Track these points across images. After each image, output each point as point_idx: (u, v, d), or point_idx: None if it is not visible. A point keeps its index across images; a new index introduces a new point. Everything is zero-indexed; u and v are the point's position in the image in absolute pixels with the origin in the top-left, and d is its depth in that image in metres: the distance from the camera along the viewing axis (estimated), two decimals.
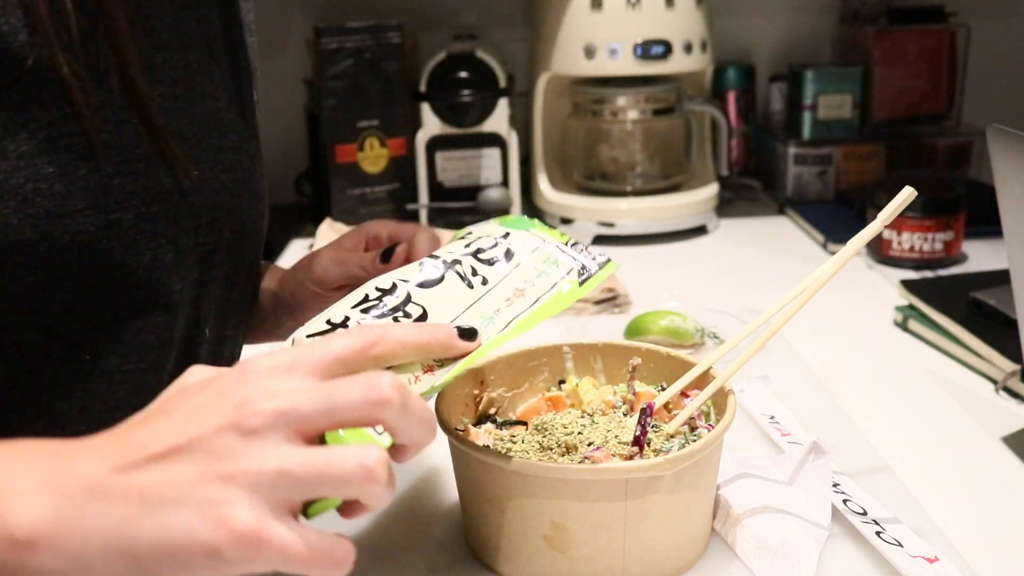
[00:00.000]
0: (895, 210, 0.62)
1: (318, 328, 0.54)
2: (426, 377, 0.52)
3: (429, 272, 0.58)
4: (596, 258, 0.60)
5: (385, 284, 0.57)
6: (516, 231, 0.61)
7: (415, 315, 0.55)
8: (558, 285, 0.58)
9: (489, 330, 0.55)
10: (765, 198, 1.58)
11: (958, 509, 0.70)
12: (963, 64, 1.54)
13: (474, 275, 0.58)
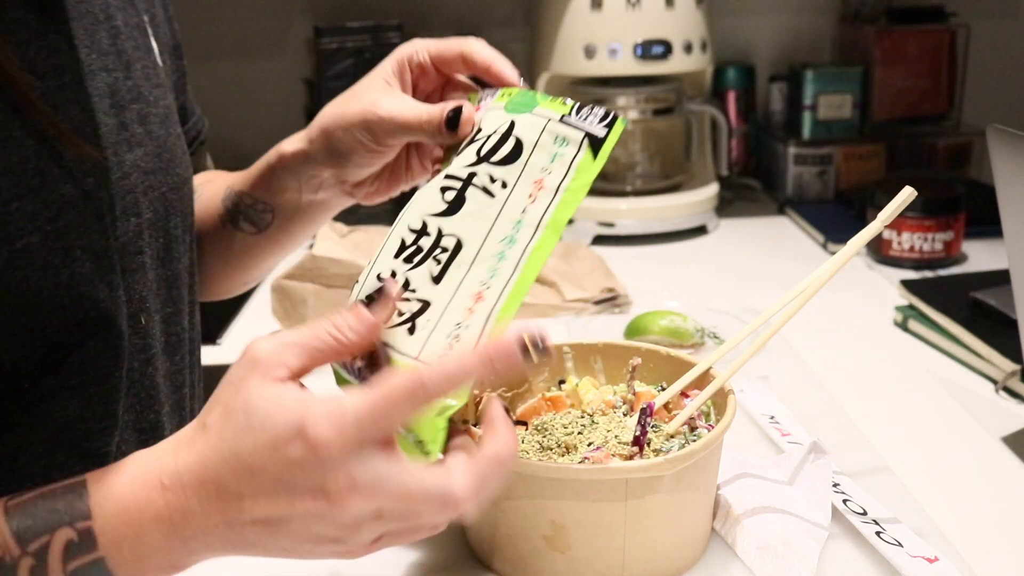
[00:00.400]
0: (895, 210, 0.62)
1: (372, 286, 0.54)
2: (479, 307, 0.52)
3: (451, 198, 0.57)
4: (602, 120, 0.57)
5: (416, 224, 0.57)
6: (520, 116, 0.59)
7: (450, 247, 0.55)
8: (573, 164, 0.56)
9: (522, 233, 0.54)
10: (765, 198, 1.58)
11: (958, 509, 0.70)
12: (963, 64, 1.54)
13: (492, 182, 0.57)
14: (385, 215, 1.37)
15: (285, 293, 1.07)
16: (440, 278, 0.54)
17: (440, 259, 0.55)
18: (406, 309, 0.54)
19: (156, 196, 0.64)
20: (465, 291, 0.53)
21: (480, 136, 0.59)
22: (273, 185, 0.73)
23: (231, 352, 1.08)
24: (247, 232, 0.77)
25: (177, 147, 0.69)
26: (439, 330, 0.52)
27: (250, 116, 1.63)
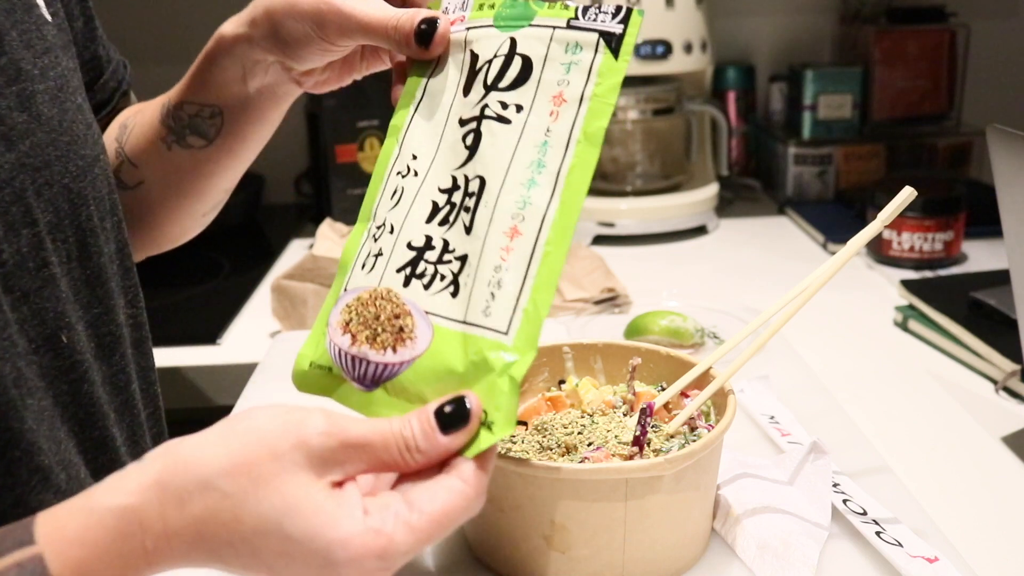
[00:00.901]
0: (895, 210, 0.62)
1: (404, 257, 0.50)
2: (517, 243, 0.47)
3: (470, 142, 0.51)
4: (614, 16, 0.51)
5: (445, 183, 0.51)
6: (519, 31, 0.52)
7: (476, 190, 0.50)
8: (593, 69, 0.50)
9: (551, 154, 0.49)
10: (765, 198, 1.58)
11: (958, 509, 0.70)
12: (963, 64, 1.54)
13: (505, 108, 0.51)
14: None
15: (285, 293, 1.07)
16: (471, 226, 0.49)
17: (468, 206, 0.50)
18: (447, 272, 0.49)
19: (56, 192, 0.56)
20: (496, 229, 0.48)
21: (481, 64, 0.53)
22: (215, 78, 0.64)
23: (231, 352, 1.08)
24: (196, 147, 0.68)
25: (78, 122, 0.59)
26: (479, 282, 0.48)
27: None
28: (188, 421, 1.07)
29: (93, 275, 0.60)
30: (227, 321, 1.15)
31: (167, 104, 0.68)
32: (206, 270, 1.36)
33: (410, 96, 0.55)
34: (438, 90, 0.54)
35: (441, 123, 0.53)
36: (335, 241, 1.10)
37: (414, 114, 0.55)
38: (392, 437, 0.43)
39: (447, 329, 0.48)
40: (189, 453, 0.42)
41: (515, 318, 0.46)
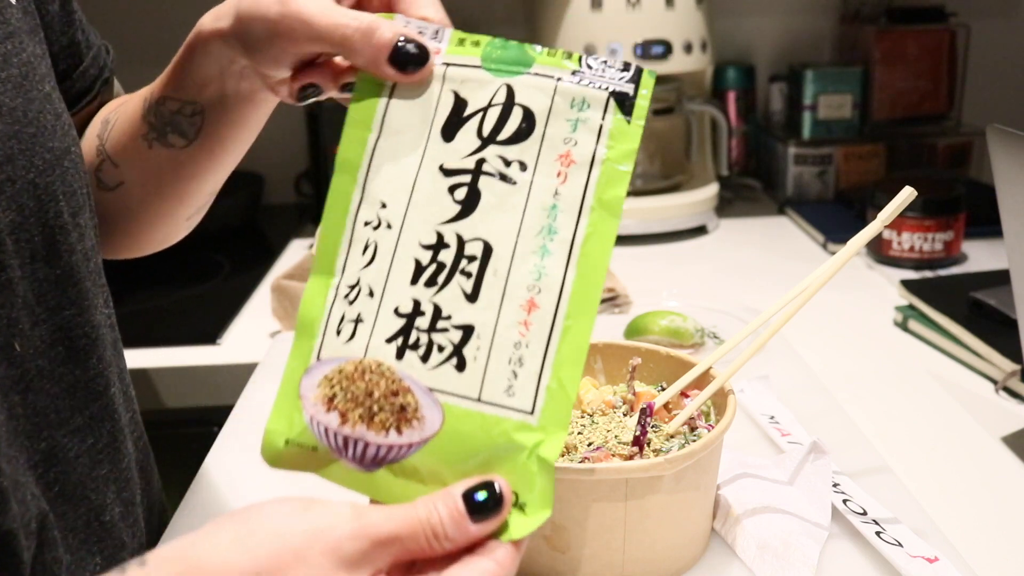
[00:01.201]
0: (895, 210, 0.62)
1: (394, 326, 0.46)
2: (535, 317, 0.45)
3: (462, 196, 0.47)
4: (622, 72, 0.47)
5: (428, 238, 0.47)
6: (516, 79, 0.48)
7: (478, 253, 0.46)
8: (604, 130, 0.47)
9: (561, 220, 0.46)
10: (765, 198, 1.58)
11: (958, 509, 0.70)
12: (963, 64, 1.54)
13: (507, 165, 0.47)
14: None
15: (285, 293, 1.07)
16: (476, 294, 0.46)
17: (469, 271, 0.46)
18: (445, 342, 0.45)
19: (20, 188, 0.53)
20: (511, 302, 0.45)
21: (471, 110, 0.48)
22: (194, 74, 0.60)
23: (231, 352, 1.08)
24: (177, 146, 0.64)
25: (46, 112, 0.56)
26: (495, 357, 0.45)
27: None
28: (188, 421, 1.07)
29: (63, 275, 0.56)
30: (227, 321, 1.15)
31: (149, 98, 0.64)
32: (206, 270, 1.36)
33: (362, 126, 0.49)
34: (403, 126, 0.49)
35: (412, 167, 0.48)
36: None
37: (373, 151, 0.49)
38: (420, 526, 0.42)
39: (461, 408, 0.45)
40: (207, 560, 0.40)
41: (539, 396, 0.44)
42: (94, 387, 0.59)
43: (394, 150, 0.48)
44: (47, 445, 0.55)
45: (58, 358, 0.56)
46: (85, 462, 0.58)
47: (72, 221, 0.57)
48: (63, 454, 0.56)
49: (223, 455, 0.79)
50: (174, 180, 0.67)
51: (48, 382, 0.55)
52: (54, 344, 0.56)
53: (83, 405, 0.58)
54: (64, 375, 0.57)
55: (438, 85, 0.49)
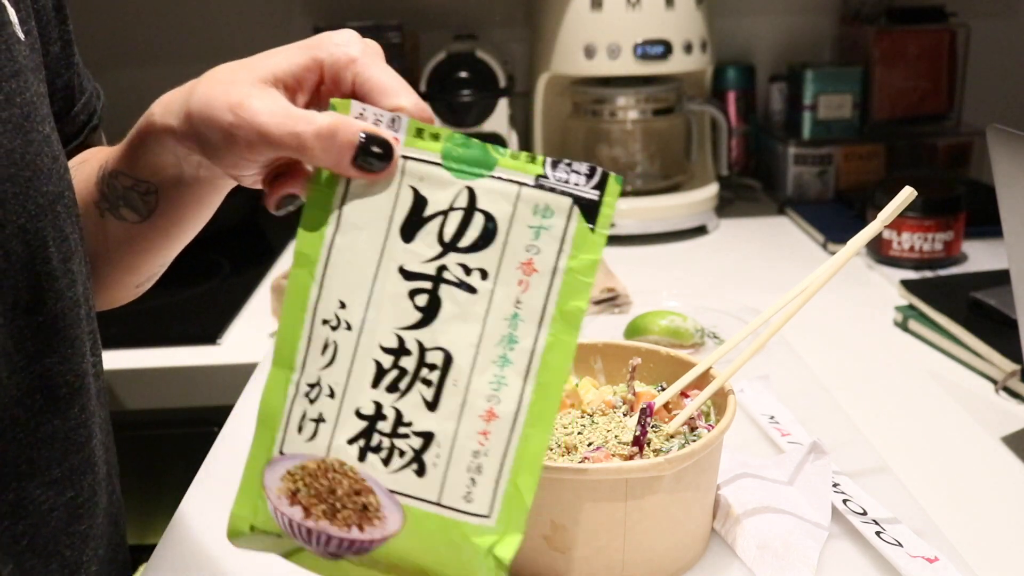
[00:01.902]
0: (895, 210, 0.62)
1: (355, 428, 0.47)
2: (494, 426, 0.46)
3: (423, 303, 0.47)
4: (589, 177, 0.47)
5: (389, 342, 0.47)
6: (478, 182, 0.47)
7: (439, 363, 0.46)
8: (567, 238, 0.46)
9: (522, 330, 0.46)
10: (765, 198, 1.58)
11: (958, 509, 0.70)
12: (963, 64, 1.54)
13: (468, 274, 0.47)
14: None
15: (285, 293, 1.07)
16: (436, 403, 0.46)
17: (430, 380, 0.46)
18: (406, 448, 0.46)
19: (9, 234, 0.50)
20: (471, 412, 0.46)
21: (432, 212, 0.47)
22: (147, 158, 0.57)
23: (231, 352, 1.08)
24: (129, 220, 0.62)
25: (44, 155, 0.53)
26: (455, 465, 0.46)
27: None
28: (188, 421, 1.07)
29: (47, 322, 0.54)
30: (227, 321, 1.15)
31: (104, 168, 0.62)
32: (206, 270, 1.36)
33: (318, 220, 0.49)
34: (361, 223, 0.48)
35: (371, 267, 0.48)
36: None
37: (331, 246, 0.48)
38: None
39: (420, 510, 0.46)
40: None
41: (496, 501, 0.45)
42: (75, 438, 0.56)
43: (352, 247, 0.48)
44: (14, 496, 0.53)
45: (35, 407, 0.53)
46: (61, 516, 0.56)
47: (62, 267, 0.54)
48: (33, 507, 0.54)
49: (223, 455, 0.79)
50: (125, 252, 0.65)
51: (22, 432, 0.53)
52: (31, 392, 0.53)
53: (61, 457, 0.55)
54: (41, 424, 0.54)
55: (397, 179, 0.48)
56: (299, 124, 0.47)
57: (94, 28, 1.57)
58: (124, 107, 1.85)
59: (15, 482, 0.53)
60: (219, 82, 0.50)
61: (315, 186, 0.49)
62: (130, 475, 0.77)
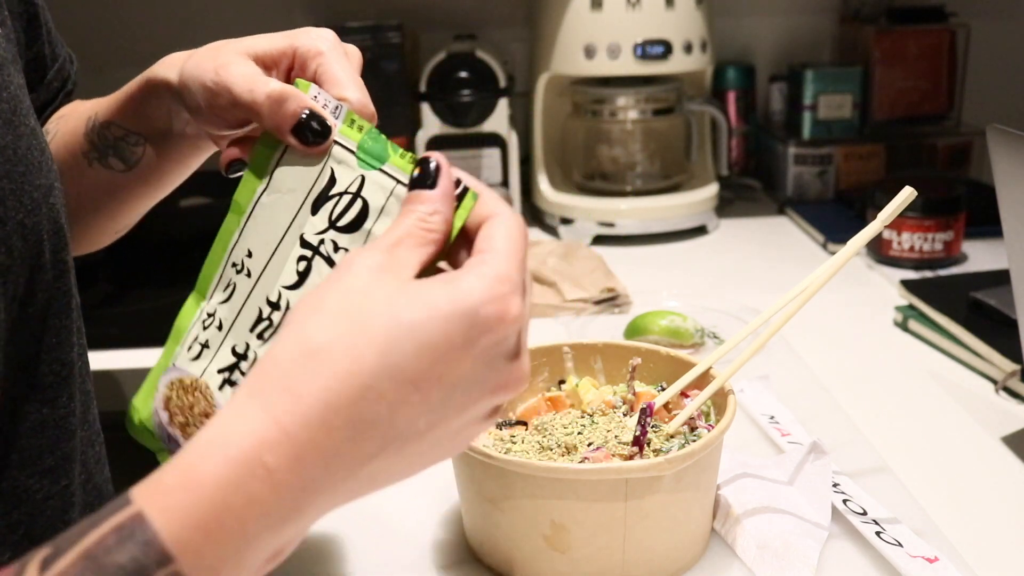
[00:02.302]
0: (895, 210, 0.62)
1: (227, 361, 0.52)
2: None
3: (302, 268, 0.51)
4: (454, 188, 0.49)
5: (272, 296, 0.52)
6: (370, 172, 0.51)
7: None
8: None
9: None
10: (765, 198, 1.58)
11: (958, 509, 0.70)
12: (963, 64, 1.54)
13: (336, 251, 0.51)
14: None
15: None
16: None
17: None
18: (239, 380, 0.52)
19: (10, 230, 0.51)
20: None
21: (335, 192, 0.52)
22: (143, 110, 0.62)
23: None
24: (116, 169, 0.66)
25: (33, 149, 0.55)
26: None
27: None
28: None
29: (37, 312, 0.55)
30: None
31: (93, 119, 0.65)
32: None
33: (258, 174, 0.53)
34: (286, 187, 0.52)
35: (282, 228, 0.52)
36: None
37: (258, 201, 0.53)
38: (409, 221, 0.45)
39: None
40: (262, 356, 0.40)
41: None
42: (66, 426, 0.57)
43: (273, 207, 0.52)
44: (8, 485, 0.54)
45: (24, 396, 0.54)
46: (56, 505, 0.56)
47: (53, 258, 0.56)
48: (27, 496, 0.55)
49: None
50: (108, 200, 0.68)
51: (12, 420, 0.54)
52: (19, 381, 0.54)
53: (53, 445, 0.56)
54: (30, 413, 0.55)
55: (325, 159, 0.52)
56: (258, 84, 0.52)
57: (94, 28, 1.57)
58: None
59: (7, 471, 0.54)
60: (211, 49, 0.56)
61: (259, 146, 0.53)
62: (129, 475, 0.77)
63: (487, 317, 0.40)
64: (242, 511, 0.36)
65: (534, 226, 1.48)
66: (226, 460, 0.36)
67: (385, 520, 0.68)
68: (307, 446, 0.37)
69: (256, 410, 0.38)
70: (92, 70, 0.74)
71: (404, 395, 0.39)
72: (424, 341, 0.39)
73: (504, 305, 0.41)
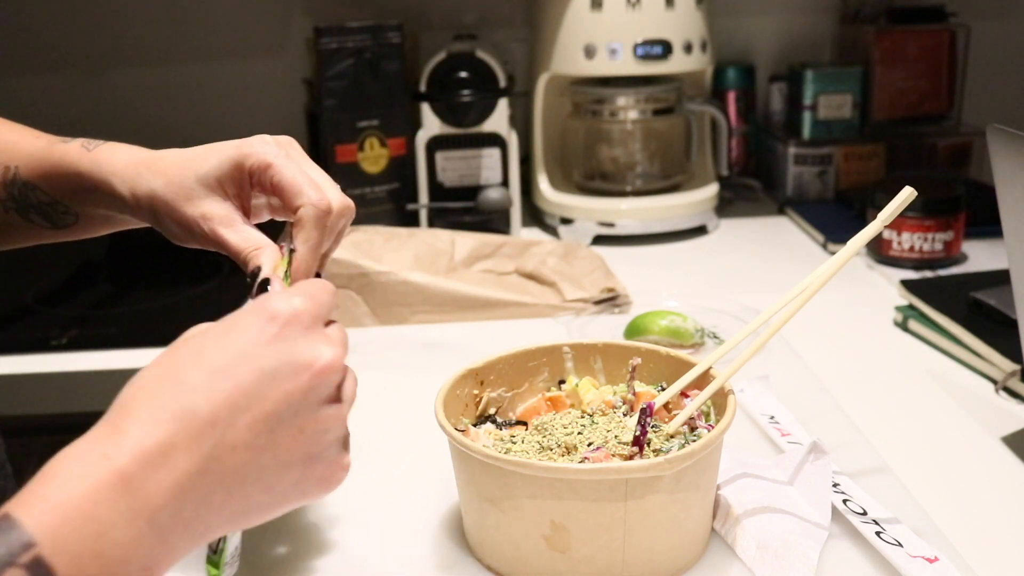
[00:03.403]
0: (895, 210, 0.62)
1: None
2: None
3: None
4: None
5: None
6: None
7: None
8: None
9: None
10: (765, 198, 1.58)
11: (958, 509, 0.70)
12: (963, 64, 1.54)
13: None
14: (386, 216, 1.37)
15: None
16: None
17: None
18: None
19: None
20: None
21: None
22: (82, 195, 0.63)
23: None
24: (37, 224, 0.66)
25: None
26: None
27: (250, 116, 1.63)
28: None
29: None
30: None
31: (13, 172, 0.64)
32: (206, 270, 1.36)
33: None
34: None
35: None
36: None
37: None
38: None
39: None
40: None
41: None
42: None
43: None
44: None
45: None
46: None
47: None
48: None
49: None
50: (23, 240, 0.69)
51: None
52: None
53: None
54: None
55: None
56: (251, 258, 0.59)
57: (94, 28, 1.57)
58: (124, 107, 1.85)
59: None
60: (174, 171, 0.60)
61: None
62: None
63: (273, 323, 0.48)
64: (96, 492, 0.40)
65: (534, 226, 1.48)
66: (78, 462, 0.41)
67: (385, 520, 0.68)
68: (146, 438, 0.42)
69: (103, 427, 0.43)
70: (92, 70, 0.74)
71: (214, 390, 0.44)
72: (228, 343, 0.47)
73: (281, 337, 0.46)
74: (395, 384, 0.91)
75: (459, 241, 1.19)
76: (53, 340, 1.08)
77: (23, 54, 1.59)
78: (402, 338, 1.01)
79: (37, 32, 1.57)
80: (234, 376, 0.44)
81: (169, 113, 1.63)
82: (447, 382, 0.66)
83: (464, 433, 0.63)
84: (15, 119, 0.69)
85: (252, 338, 0.46)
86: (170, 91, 1.62)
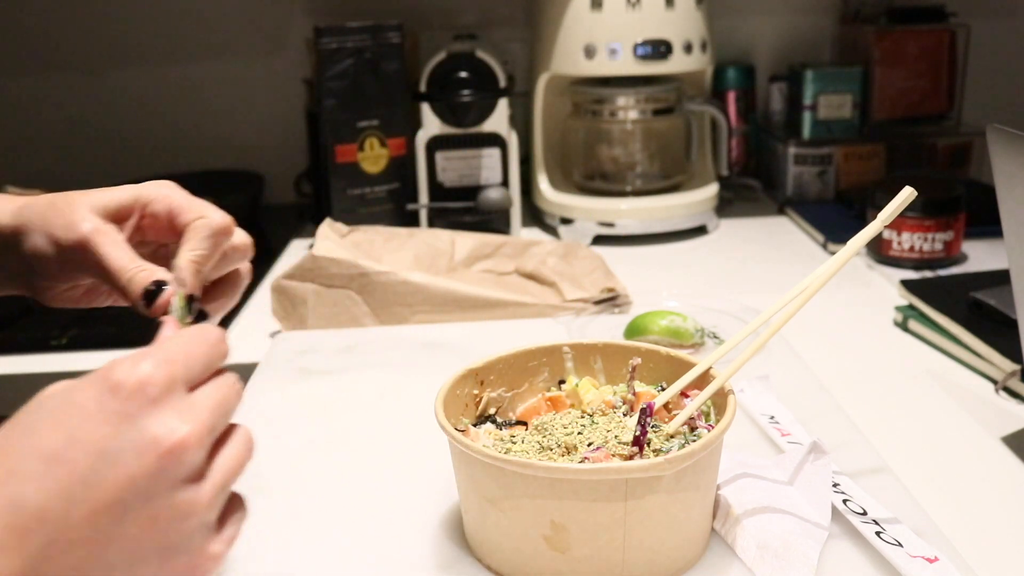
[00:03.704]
0: (895, 210, 0.62)
1: None
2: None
3: None
4: None
5: None
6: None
7: None
8: None
9: None
10: (765, 198, 1.58)
11: (958, 509, 0.70)
12: (963, 64, 1.54)
13: None
14: (386, 216, 1.37)
15: (285, 293, 1.07)
16: None
17: None
18: None
19: None
20: None
21: None
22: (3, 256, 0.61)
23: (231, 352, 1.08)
24: None
25: None
26: None
27: (250, 116, 1.63)
28: None
29: None
30: (227, 321, 1.15)
31: None
32: None
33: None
34: None
35: None
36: (335, 241, 1.10)
37: None
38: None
39: None
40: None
41: None
42: None
43: None
44: None
45: None
46: None
47: None
48: None
49: None
50: None
51: None
52: None
53: None
54: None
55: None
56: (127, 267, 0.57)
57: (94, 28, 1.57)
58: (124, 107, 1.85)
59: None
60: (64, 202, 0.58)
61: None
62: None
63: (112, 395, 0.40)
64: None
65: (534, 226, 1.48)
66: None
67: (385, 520, 0.68)
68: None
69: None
70: (92, 70, 0.74)
71: (46, 480, 0.38)
72: (58, 419, 0.40)
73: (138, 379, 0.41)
74: (395, 384, 0.91)
75: (459, 241, 1.19)
76: (53, 340, 1.08)
77: (23, 54, 1.59)
78: (402, 338, 1.01)
79: (37, 32, 1.57)
80: (68, 461, 0.38)
81: (169, 113, 1.63)
82: (447, 382, 0.66)
83: (464, 433, 0.63)
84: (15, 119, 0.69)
85: (89, 415, 0.39)
86: (170, 91, 1.62)
